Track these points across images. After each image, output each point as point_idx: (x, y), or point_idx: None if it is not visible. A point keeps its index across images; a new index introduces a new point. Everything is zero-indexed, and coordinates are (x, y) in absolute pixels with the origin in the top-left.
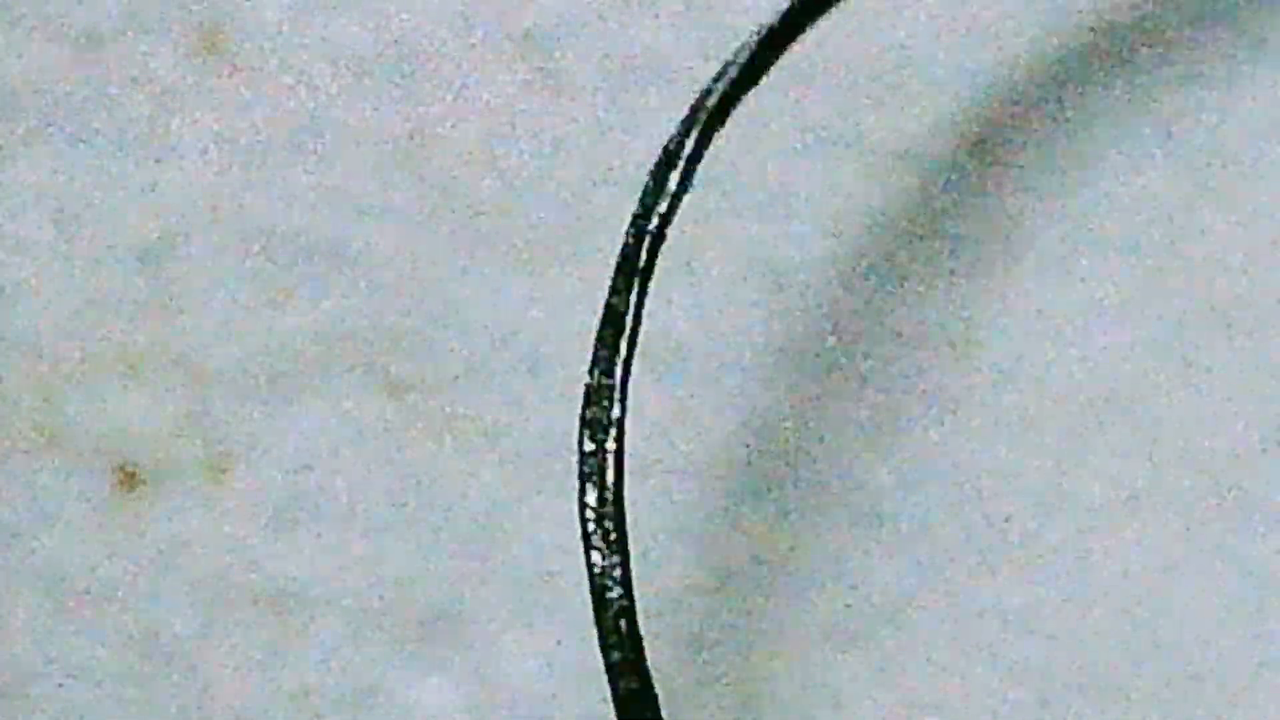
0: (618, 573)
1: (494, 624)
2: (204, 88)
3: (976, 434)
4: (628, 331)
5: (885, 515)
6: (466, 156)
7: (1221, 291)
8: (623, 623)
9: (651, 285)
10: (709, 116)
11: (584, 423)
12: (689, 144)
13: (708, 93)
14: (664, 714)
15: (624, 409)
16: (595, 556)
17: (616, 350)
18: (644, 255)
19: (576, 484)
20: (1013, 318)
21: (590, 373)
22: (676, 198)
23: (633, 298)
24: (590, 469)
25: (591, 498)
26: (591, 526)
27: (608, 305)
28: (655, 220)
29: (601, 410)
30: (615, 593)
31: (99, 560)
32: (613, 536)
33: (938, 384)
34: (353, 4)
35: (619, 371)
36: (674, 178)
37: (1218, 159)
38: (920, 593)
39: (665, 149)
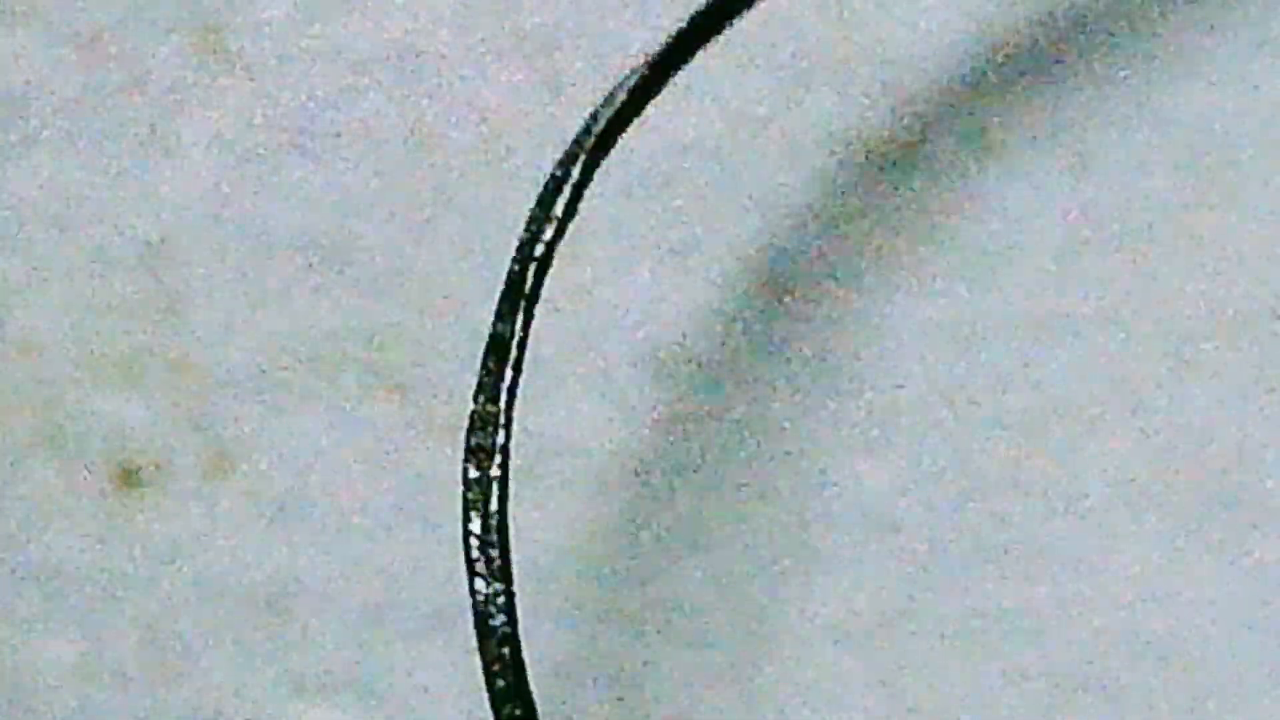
0: (501, 600)
1: None
2: (204, 88)
3: (976, 434)
4: (512, 358)
5: (885, 515)
6: (466, 156)
7: (1221, 291)
8: (506, 650)
9: (650, 285)
10: (595, 143)
11: (469, 450)
12: (575, 171)
13: (594, 118)
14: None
15: (509, 435)
16: (479, 584)
17: (501, 377)
18: (529, 282)
19: (460, 511)
20: (1012, 318)
21: (475, 399)
22: (562, 225)
23: (518, 324)
24: (475, 496)
25: (475, 525)
26: (475, 554)
27: (493, 332)
28: (541, 247)
29: (486, 437)
30: (499, 620)
31: (99, 560)
32: (496, 564)
33: (937, 384)
34: (353, 4)
35: (504, 398)
36: (560, 205)
37: (1218, 159)
38: (920, 593)
39: (551, 175)
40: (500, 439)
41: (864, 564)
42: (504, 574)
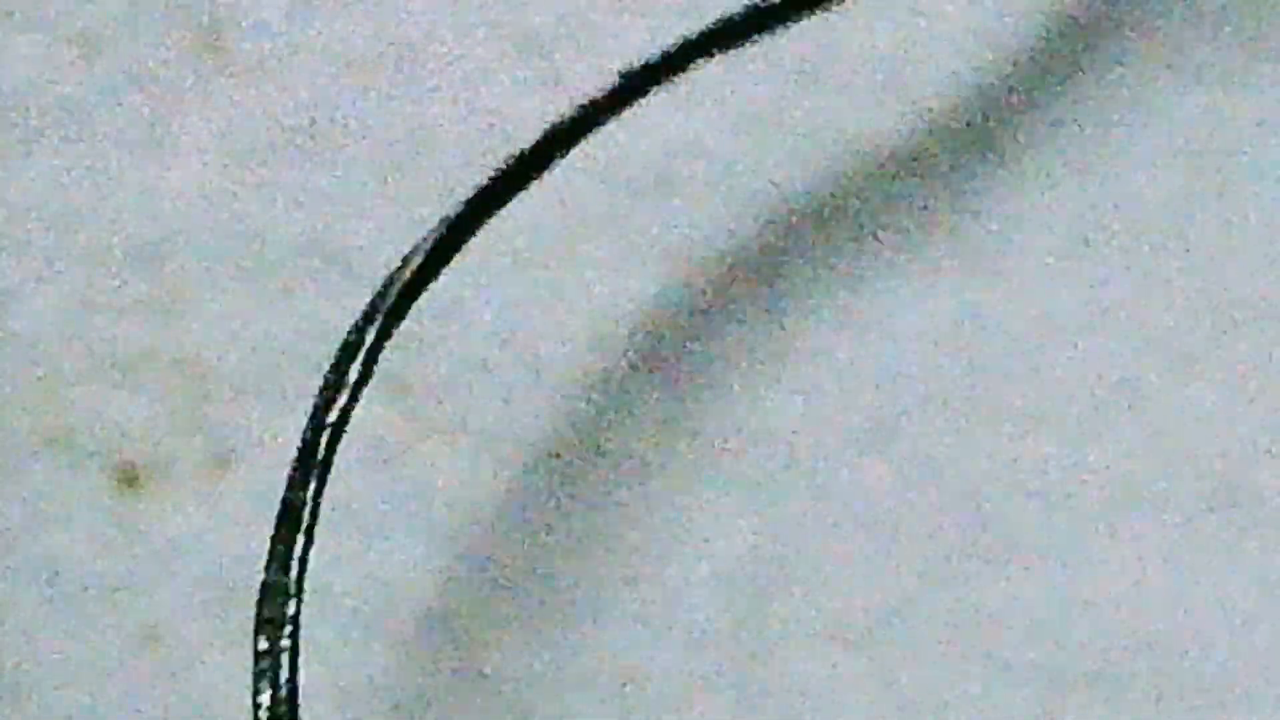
0: None
1: (492, 624)
2: (204, 88)
3: (976, 434)
4: (304, 526)
5: (885, 515)
6: (466, 156)
7: (1221, 291)
8: None
9: (649, 285)
10: (391, 308)
11: (259, 621)
12: (370, 335)
13: (389, 283)
14: None
15: (299, 605)
16: None
17: (293, 546)
18: (323, 449)
19: (251, 682)
20: (1013, 318)
21: (266, 569)
22: (357, 390)
23: (310, 492)
24: (265, 668)
25: (265, 698)
26: None
27: (285, 500)
28: (335, 413)
29: (277, 608)
30: None
31: (99, 560)
32: None
33: (937, 384)
34: (353, 4)
35: (295, 568)
36: (355, 369)
37: (1218, 159)
38: (920, 593)
39: (345, 342)
40: (291, 609)
41: (864, 564)
42: None
